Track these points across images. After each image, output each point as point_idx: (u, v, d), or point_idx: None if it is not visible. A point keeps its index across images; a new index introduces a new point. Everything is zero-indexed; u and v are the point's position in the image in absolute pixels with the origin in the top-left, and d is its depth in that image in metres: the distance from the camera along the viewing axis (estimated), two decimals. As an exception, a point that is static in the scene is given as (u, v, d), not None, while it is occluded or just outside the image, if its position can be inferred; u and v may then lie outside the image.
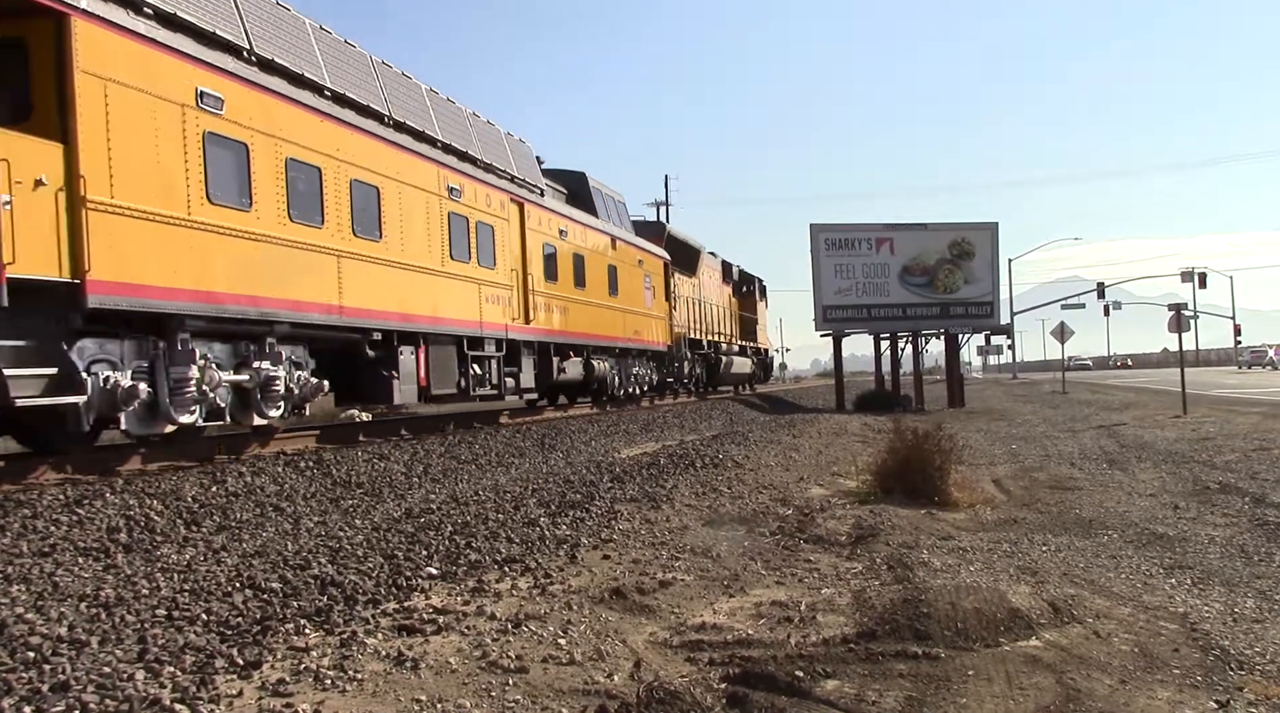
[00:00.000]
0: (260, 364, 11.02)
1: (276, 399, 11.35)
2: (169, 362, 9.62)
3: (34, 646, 4.44)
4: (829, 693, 4.37)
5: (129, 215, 9.08)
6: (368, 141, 13.09)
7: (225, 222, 10.31)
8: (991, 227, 31.62)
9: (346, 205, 12.47)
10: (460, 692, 4.17)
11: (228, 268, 10.33)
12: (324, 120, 12.19)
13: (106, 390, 8.91)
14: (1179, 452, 14.31)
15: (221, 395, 10.36)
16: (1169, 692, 4.43)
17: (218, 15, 10.58)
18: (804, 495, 10.28)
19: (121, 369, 9.17)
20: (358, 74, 13.40)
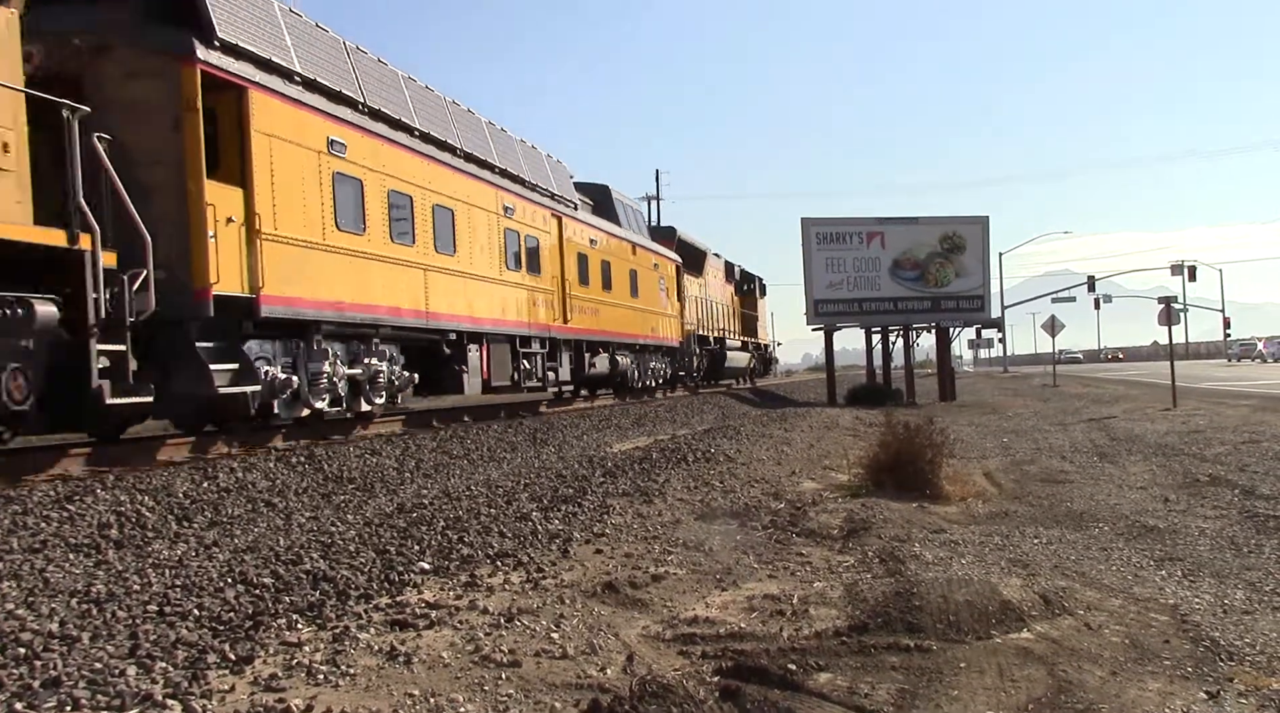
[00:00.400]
0: (369, 360, 13.39)
1: (380, 389, 13.79)
2: (307, 359, 12.01)
3: (25, 642, 4.43)
4: (821, 686, 4.38)
5: (286, 243, 11.42)
6: (445, 172, 15.65)
7: (347, 244, 12.76)
8: (982, 220, 31.67)
9: (430, 226, 14.98)
10: (453, 686, 4.17)
11: (348, 282, 12.71)
12: (414, 156, 14.71)
13: (268, 382, 11.22)
14: (1169, 444, 14.36)
15: (341, 386, 12.69)
16: (1159, 683, 4.45)
17: (341, 77, 13.16)
18: (796, 489, 10.29)
19: (274, 365, 11.40)
20: (436, 113, 15.98)
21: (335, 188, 12.45)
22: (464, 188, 16.21)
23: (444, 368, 15.58)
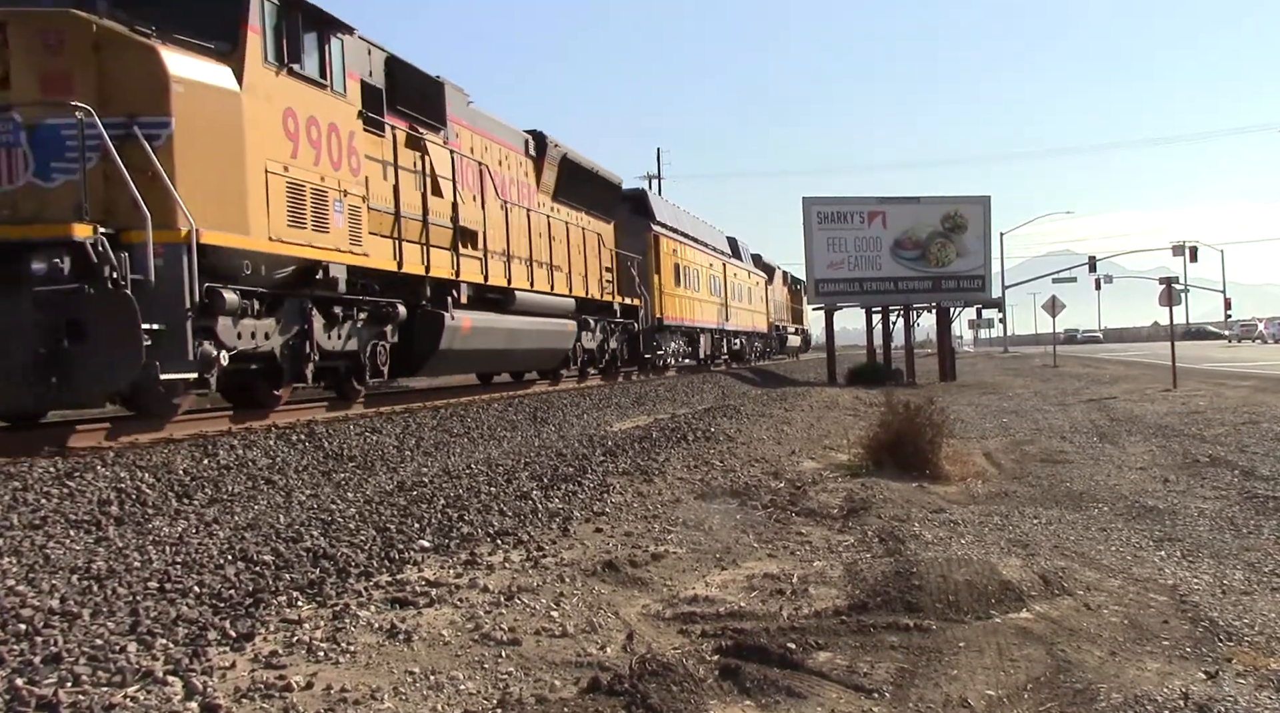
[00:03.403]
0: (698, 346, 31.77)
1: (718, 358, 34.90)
2: (660, 342, 27.20)
3: (25, 618, 4.43)
4: (821, 665, 4.39)
5: (673, 295, 28.16)
6: (695, 250, 31.95)
7: (685, 294, 29.66)
8: (984, 200, 31.57)
9: (709, 281, 33.45)
10: (453, 664, 4.18)
11: (690, 309, 30.19)
12: (689, 246, 31.20)
13: (673, 351, 29.30)
14: (1169, 425, 14.37)
15: (685, 352, 30.63)
16: (1158, 663, 4.46)
17: (684, 220, 31.96)
18: (796, 469, 10.30)
19: (675, 342, 29.17)
20: (694, 223, 33.28)
21: (682, 270, 29.49)
22: (704, 258, 33.03)
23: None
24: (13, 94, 8.61)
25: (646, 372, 25.78)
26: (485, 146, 16.21)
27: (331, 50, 11.37)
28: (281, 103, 10.43)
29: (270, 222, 10.10)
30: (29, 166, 8.66)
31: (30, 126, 8.63)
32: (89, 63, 8.79)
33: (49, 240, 8.32)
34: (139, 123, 8.76)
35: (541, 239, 17.95)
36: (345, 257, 11.45)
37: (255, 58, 10.02)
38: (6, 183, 8.64)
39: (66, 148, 8.60)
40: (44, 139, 8.63)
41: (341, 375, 12.63)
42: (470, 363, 16.51)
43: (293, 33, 10.64)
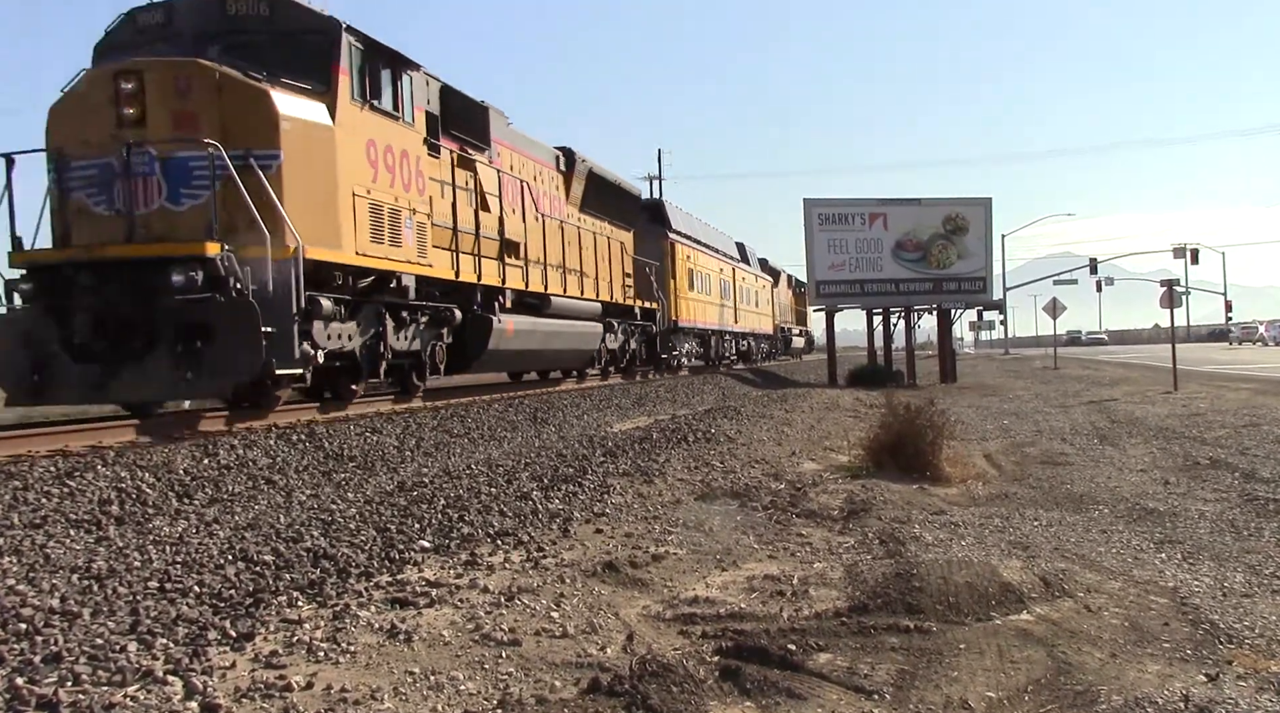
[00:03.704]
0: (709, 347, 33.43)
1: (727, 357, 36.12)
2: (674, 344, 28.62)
3: (26, 617, 4.43)
4: (821, 666, 4.38)
5: (687, 299, 29.33)
6: (707, 256, 33.21)
7: (696, 296, 30.65)
8: (985, 202, 31.56)
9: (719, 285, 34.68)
10: (453, 664, 4.18)
11: (703, 312, 31.43)
12: (701, 252, 32.40)
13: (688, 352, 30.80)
14: (1169, 427, 14.36)
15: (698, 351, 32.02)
16: (1159, 665, 4.46)
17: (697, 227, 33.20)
18: (796, 470, 10.30)
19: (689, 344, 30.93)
20: (706, 231, 34.56)
21: (694, 274, 30.74)
22: (713, 263, 34.00)
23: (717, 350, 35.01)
24: (149, 132, 9.99)
25: (662, 371, 27.26)
26: (523, 164, 17.63)
27: (403, 85, 12.90)
28: (364, 134, 11.89)
29: (356, 238, 11.57)
30: (162, 193, 10.04)
31: (164, 159, 9.99)
32: (213, 104, 10.17)
33: (185, 257, 9.73)
34: (254, 155, 10.15)
35: (571, 248, 19.35)
36: (414, 267, 12.96)
37: (345, 96, 11.49)
38: (143, 207, 10.00)
39: (194, 177, 10.02)
40: (175, 169, 10.02)
41: (405, 372, 13.99)
42: (513, 362, 18.14)
43: (373, 72, 12.16)
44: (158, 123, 10.04)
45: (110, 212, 10.12)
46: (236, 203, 9.92)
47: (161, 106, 10.07)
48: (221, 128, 10.09)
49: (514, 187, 16.62)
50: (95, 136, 10.16)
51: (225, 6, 11.22)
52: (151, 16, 11.29)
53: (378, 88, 12.23)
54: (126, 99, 10.04)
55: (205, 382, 10.17)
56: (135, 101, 10.04)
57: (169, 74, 10.21)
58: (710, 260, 33.42)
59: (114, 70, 10.24)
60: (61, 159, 10.37)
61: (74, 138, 10.32)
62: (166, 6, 11.32)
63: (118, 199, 10.07)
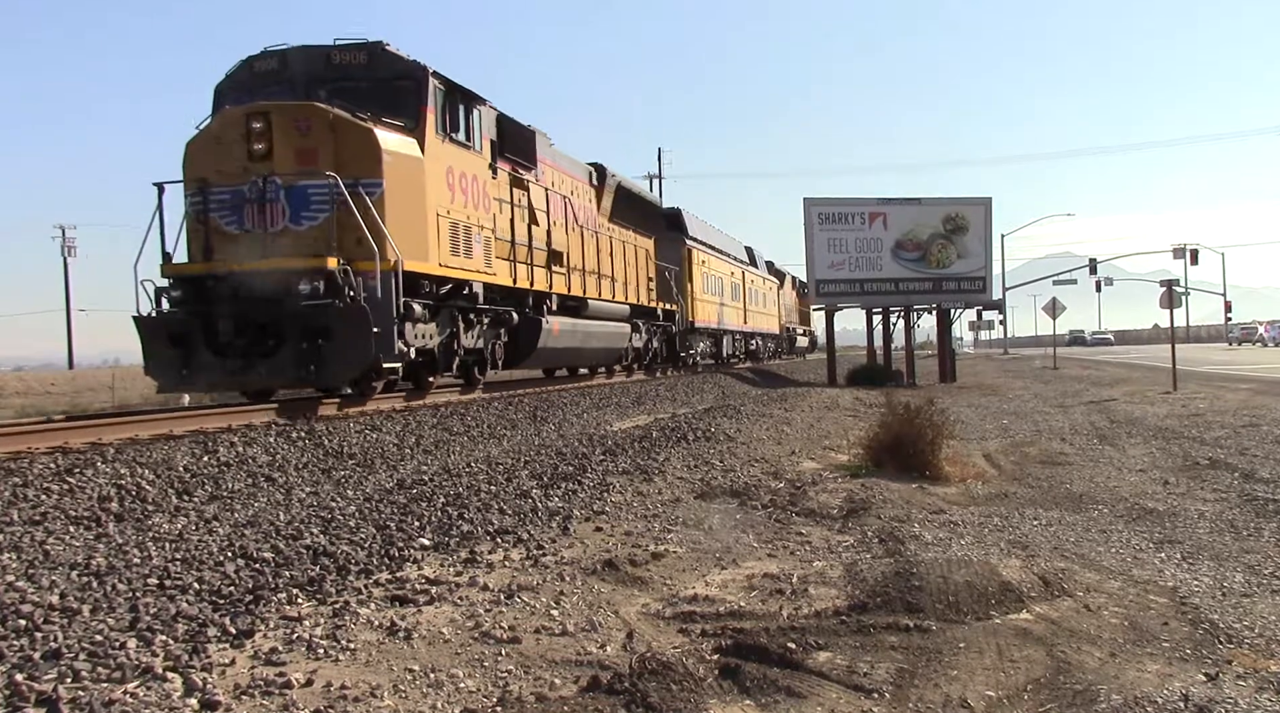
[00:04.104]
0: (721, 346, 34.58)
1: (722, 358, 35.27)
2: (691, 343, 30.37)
3: (25, 614, 4.43)
4: (821, 665, 4.38)
5: (702, 301, 30.83)
6: (720, 260, 34.51)
7: (710, 298, 32.19)
8: (985, 201, 31.55)
9: (730, 287, 36.12)
10: (453, 662, 4.18)
11: (716, 314, 33.03)
12: (715, 257, 33.58)
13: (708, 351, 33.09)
14: (1169, 427, 14.36)
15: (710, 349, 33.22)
16: (1158, 665, 4.46)
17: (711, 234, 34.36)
18: (796, 469, 10.29)
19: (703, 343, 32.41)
20: (719, 236, 35.69)
21: (706, 277, 31.80)
22: (726, 267, 35.67)
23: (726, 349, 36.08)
24: (275, 164, 11.80)
25: (680, 369, 29.04)
26: (562, 180, 19.41)
27: (473, 118, 14.90)
28: (445, 162, 13.85)
29: (439, 252, 13.54)
30: (286, 216, 11.87)
31: (288, 187, 11.82)
32: (328, 140, 11.97)
33: (310, 269, 11.53)
34: (361, 183, 11.91)
35: (603, 255, 21.36)
36: (482, 276, 14.99)
37: (430, 131, 13.43)
38: (271, 227, 11.81)
39: (312, 202, 11.85)
40: (297, 196, 11.86)
41: (470, 367, 15.81)
42: (557, 358, 20.31)
43: (452, 109, 14.18)
44: (282, 156, 11.90)
45: (241, 230, 11.95)
46: (349, 224, 11.73)
47: (285, 143, 11.91)
48: (335, 160, 11.89)
49: (557, 202, 18.56)
50: (229, 167, 11.96)
51: (330, 55, 13.27)
52: (267, 63, 13.28)
53: (455, 122, 14.26)
54: (256, 136, 11.85)
55: (326, 374, 11.99)
56: (263, 138, 11.85)
57: (291, 115, 12.07)
58: (723, 264, 35.14)
59: (245, 112, 12.06)
60: (201, 186, 12.10)
61: (211, 168, 12.09)
62: (280, 55, 13.26)
63: (248, 220, 11.90)
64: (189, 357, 11.93)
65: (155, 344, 12.15)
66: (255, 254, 11.80)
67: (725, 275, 35.40)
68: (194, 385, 12.84)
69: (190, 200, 12.30)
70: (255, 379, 12.28)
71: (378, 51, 13.40)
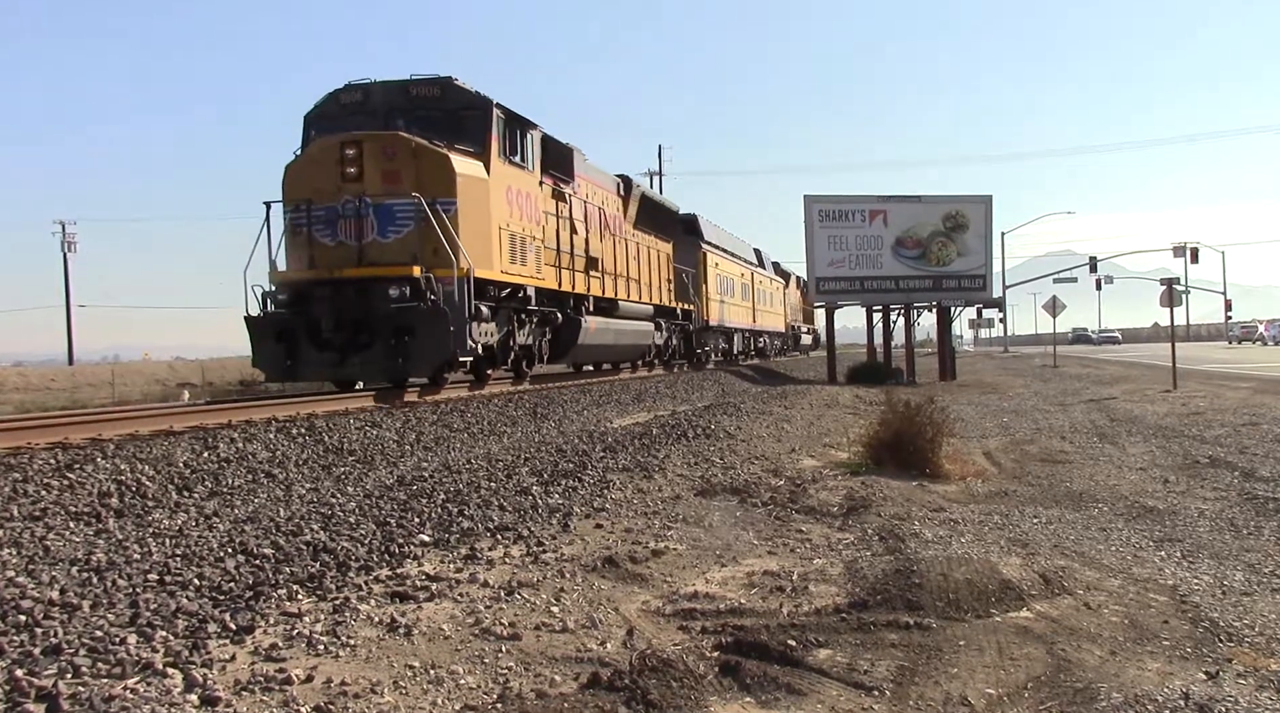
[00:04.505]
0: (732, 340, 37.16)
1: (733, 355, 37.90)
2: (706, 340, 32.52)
3: (26, 609, 4.43)
4: (821, 662, 4.38)
5: (716, 302, 32.98)
6: (731, 262, 36.37)
7: (725, 298, 34.75)
8: (985, 199, 31.52)
9: (741, 287, 38.08)
10: (453, 659, 4.18)
11: (728, 313, 35.27)
12: (727, 259, 35.73)
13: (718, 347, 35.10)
14: (1169, 426, 14.36)
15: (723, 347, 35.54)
16: (1159, 663, 4.46)
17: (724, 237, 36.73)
18: (796, 466, 10.29)
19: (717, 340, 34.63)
20: (730, 240, 38.00)
21: (721, 280, 33.66)
22: (738, 269, 37.93)
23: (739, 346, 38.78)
24: (365, 186, 13.82)
25: (695, 365, 31.16)
26: (595, 191, 21.47)
27: (526, 141, 16.95)
28: (505, 182, 15.90)
29: (501, 260, 15.59)
30: (374, 230, 13.89)
31: (376, 205, 13.85)
32: (410, 165, 13.96)
33: (398, 276, 13.48)
34: (439, 202, 13.85)
35: (630, 259, 23.57)
36: (534, 281, 17.06)
37: (494, 155, 15.50)
38: (362, 239, 13.84)
39: (397, 218, 13.90)
40: (384, 213, 13.88)
41: (518, 361, 17.62)
42: (592, 354, 22.70)
43: (511, 134, 16.29)
44: (372, 179, 13.88)
45: (336, 242, 13.92)
46: (428, 237, 13.72)
47: (375, 167, 13.91)
48: (416, 182, 13.84)
49: (592, 212, 20.74)
50: (326, 188, 13.93)
51: (408, 89, 15.23)
52: (351, 96, 15.32)
53: (514, 146, 16.36)
54: (350, 162, 13.85)
55: (411, 366, 14.10)
56: (356, 163, 13.84)
57: (380, 143, 14.08)
58: (734, 266, 37.39)
59: (340, 140, 14.07)
60: (301, 205, 14.10)
61: (309, 188, 14.08)
62: (364, 88, 15.28)
63: (342, 233, 13.89)
64: (293, 351, 13.92)
65: (263, 341, 14.16)
66: (350, 262, 13.80)
67: (736, 277, 37.55)
68: (298, 376, 14.71)
69: (291, 217, 14.27)
70: (351, 371, 14.30)
71: (448, 85, 15.38)
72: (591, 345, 20.75)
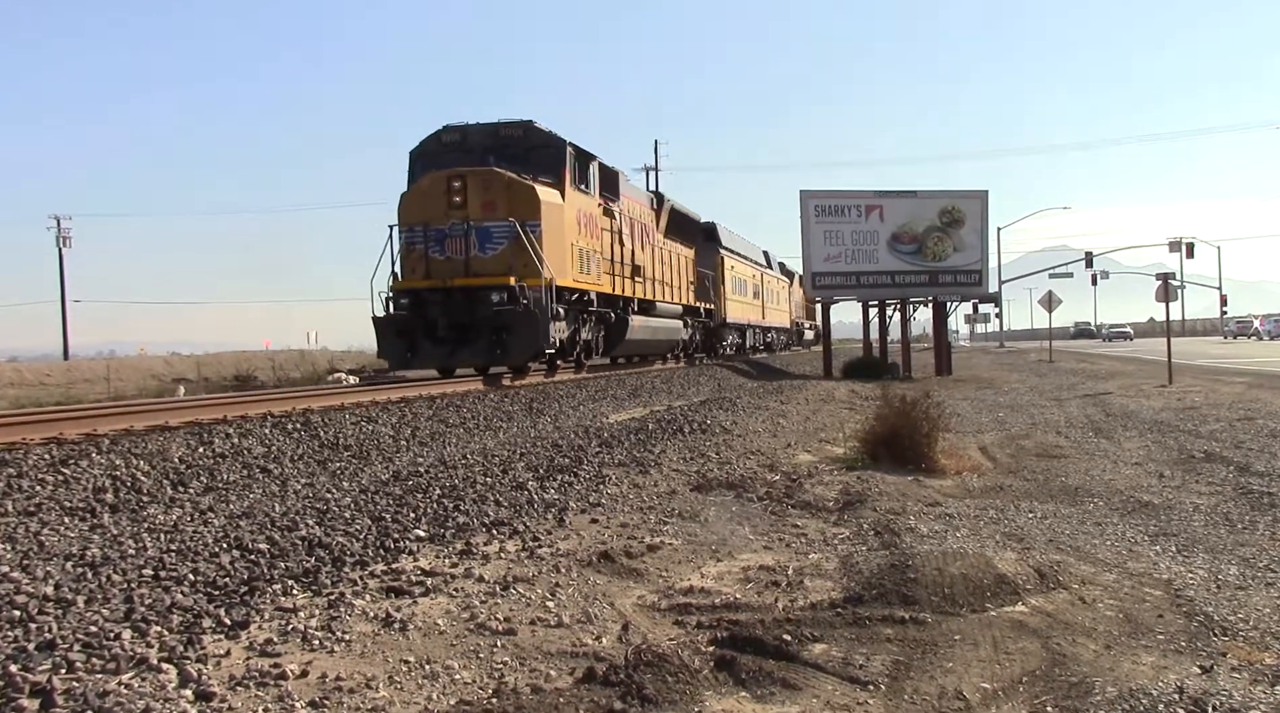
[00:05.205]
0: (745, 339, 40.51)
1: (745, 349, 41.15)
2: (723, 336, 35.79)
3: (20, 604, 4.43)
4: (816, 657, 4.38)
5: (731, 301, 36.38)
6: (744, 265, 39.98)
7: (738, 297, 38.17)
8: (981, 194, 31.50)
9: (752, 287, 41.96)
10: (448, 653, 4.18)
11: (742, 311, 38.74)
12: (741, 262, 39.37)
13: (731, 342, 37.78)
14: (1164, 421, 14.38)
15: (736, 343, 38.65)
16: (1153, 657, 4.47)
17: (737, 242, 39.88)
18: (791, 462, 10.30)
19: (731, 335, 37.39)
20: (743, 244, 41.39)
21: (736, 280, 37.38)
22: (752, 272, 41.40)
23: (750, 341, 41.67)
24: (468, 212, 17.20)
25: (714, 358, 34.67)
26: (634, 207, 24.78)
27: (589, 171, 20.61)
28: (575, 206, 19.45)
29: (573, 270, 19.04)
30: (475, 247, 17.25)
31: (477, 227, 17.21)
32: (504, 195, 17.31)
33: (498, 285, 16.82)
34: (527, 224, 17.13)
35: (663, 265, 27.07)
36: (595, 287, 20.53)
37: (568, 185, 19.04)
38: (467, 255, 17.20)
39: (494, 237, 17.26)
40: (483, 233, 17.26)
41: (578, 354, 20.66)
42: (635, 348, 25.69)
43: (580, 167, 19.99)
44: (473, 206, 17.25)
45: (444, 257, 17.27)
46: (519, 253, 17.05)
47: (475, 197, 17.29)
48: (509, 208, 17.19)
49: (634, 226, 24.17)
50: (435, 213, 17.31)
51: (497, 131, 18.82)
52: (451, 135, 18.92)
53: (581, 176, 19.99)
54: (455, 192, 17.23)
55: (509, 357, 17.53)
56: (460, 193, 17.23)
57: (480, 178, 17.39)
58: (747, 268, 41.39)
59: (447, 175, 17.36)
60: (416, 227, 17.45)
61: (422, 214, 17.43)
62: (462, 129, 18.94)
63: (449, 250, 17.27)
64: (412, 345, 17.19)
65: (387, 336, 17.44)
66: (459, 273, 17.12)
67: (748, 277, 41.61)
68: (416, 365, 17.90)
69: (407, 237, 17.56)
70: (460, 361, 17.88)
71: (529, 127, 19.00)
72: (636, 340, 24.16)
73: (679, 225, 29.85)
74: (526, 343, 17.11)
